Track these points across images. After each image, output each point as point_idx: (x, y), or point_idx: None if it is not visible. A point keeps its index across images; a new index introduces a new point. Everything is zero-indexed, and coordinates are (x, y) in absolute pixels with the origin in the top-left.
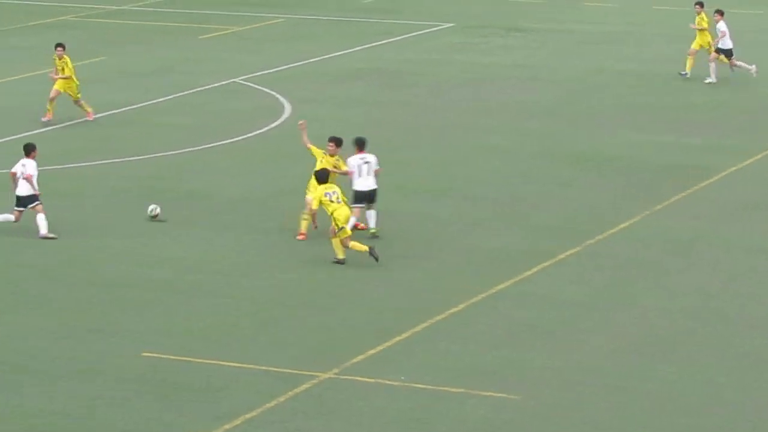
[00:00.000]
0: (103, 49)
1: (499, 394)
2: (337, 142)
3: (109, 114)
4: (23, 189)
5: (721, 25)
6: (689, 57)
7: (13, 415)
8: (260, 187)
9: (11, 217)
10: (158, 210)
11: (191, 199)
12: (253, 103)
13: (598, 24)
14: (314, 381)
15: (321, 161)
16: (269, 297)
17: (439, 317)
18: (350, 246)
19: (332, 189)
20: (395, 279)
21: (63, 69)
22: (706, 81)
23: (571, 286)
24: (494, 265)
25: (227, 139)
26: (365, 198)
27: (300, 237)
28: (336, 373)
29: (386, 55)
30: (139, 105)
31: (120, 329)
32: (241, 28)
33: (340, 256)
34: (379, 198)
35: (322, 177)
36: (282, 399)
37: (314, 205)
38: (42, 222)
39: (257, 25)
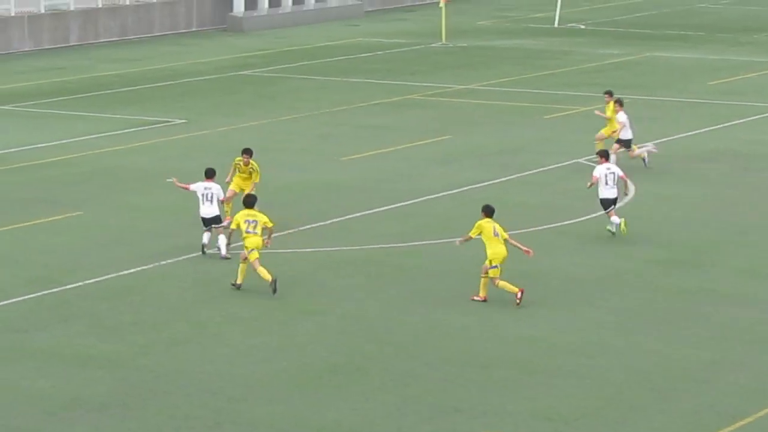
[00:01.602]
0: (448, 127)
1: None
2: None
3: (454, 192)
4: (210, 210)
5: (621, 116)
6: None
7: None
8: (602, 267)
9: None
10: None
11: (532, 278)
12: None
13: None
14: None
15: None
16: (613, 378)
17: None
18: (258, 269)
19: (254, 218)
20: (745, 363)
21: (251, 175)
22: None
23: None
24: None
25: (570, 219)
26: (610, 204)
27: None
28: None
29: (738, 136)
30: (483, 184)
31: (471, 408)
32: (585, 108)
33: (239, 281)
34: (729, 281)
35: (249, 202)
36: None
37: (233, 225)
38: (222, 243)
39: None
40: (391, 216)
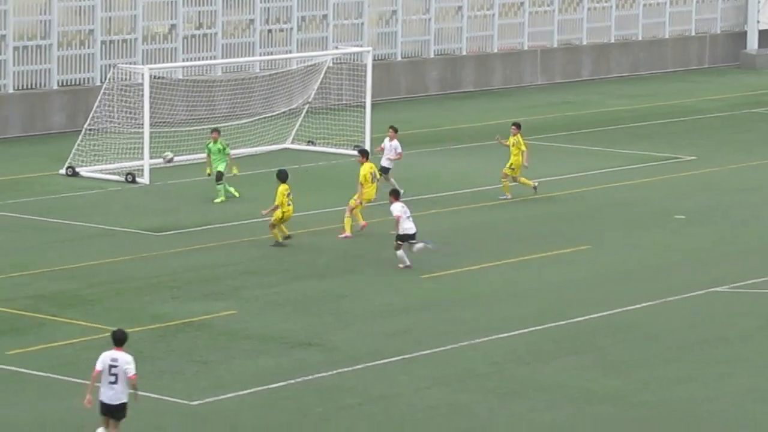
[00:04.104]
0: None
1: None
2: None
3: None
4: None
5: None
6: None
7: None
8: None
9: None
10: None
11: None
12: None
13: None
14: None
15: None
16: None
17: None
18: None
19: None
20: None
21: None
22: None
23: None
24: None
25: None
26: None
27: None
28: None
29: None
30: None
31: None
32: None
33: (280, 239)
34: None
35: (283, 176)
36: None
37: (277, 201)
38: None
39: None
40: None
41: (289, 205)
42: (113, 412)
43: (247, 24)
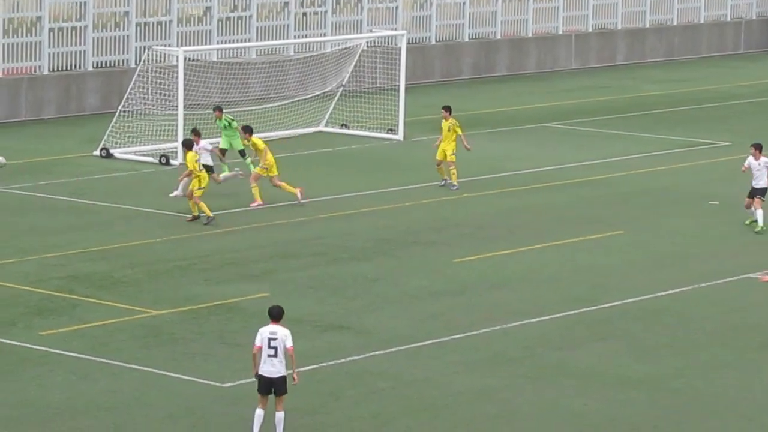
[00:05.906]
0: None
1: None
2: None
3: None
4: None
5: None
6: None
7: None
8: None
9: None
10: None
11: None
12: None
13: None
14: None
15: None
16: None
17: None
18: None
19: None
20: None
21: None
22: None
23: None
24: None
25: None
26: None
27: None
28: None
29: None
30: None
31: None
32: None
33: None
34: None
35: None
36: None
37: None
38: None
39: None
40: None
41: (200, 170)
42: (275, 387)
43: (282, 6)
